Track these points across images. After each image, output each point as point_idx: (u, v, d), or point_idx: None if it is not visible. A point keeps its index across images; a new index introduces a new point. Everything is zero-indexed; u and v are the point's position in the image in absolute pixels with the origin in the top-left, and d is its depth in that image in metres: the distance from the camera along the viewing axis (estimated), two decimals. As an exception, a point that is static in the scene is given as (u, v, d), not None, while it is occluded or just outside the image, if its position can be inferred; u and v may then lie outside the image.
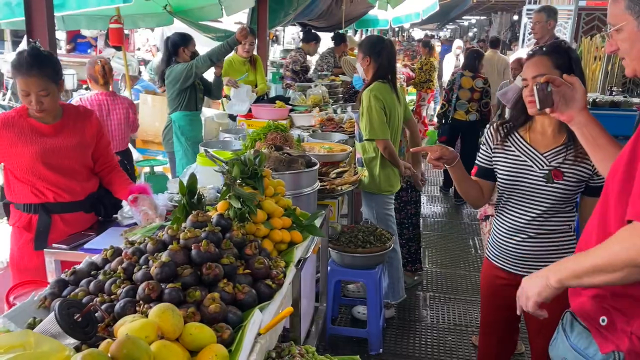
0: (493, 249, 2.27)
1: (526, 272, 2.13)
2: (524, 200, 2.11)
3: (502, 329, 2.33)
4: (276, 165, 2.38)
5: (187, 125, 4.48)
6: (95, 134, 2.70)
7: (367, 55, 3.27)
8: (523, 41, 13.38)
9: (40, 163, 2.44)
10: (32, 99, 2.35)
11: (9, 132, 2.40)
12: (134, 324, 1.20)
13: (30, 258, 2.45)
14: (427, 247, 4.98)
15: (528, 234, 2.12)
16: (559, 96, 1.67)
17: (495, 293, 2.27)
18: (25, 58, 2.34)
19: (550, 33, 4.66)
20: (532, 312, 1.47)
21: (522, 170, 2.10)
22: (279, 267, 1.71)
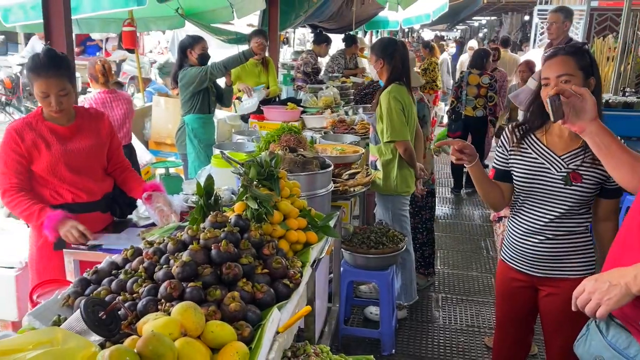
0: (509, 251, 2.27)
1: (543, 274, 2.14)
2: (542, 203, 2.11)
3: (517, 330, 2.34)
4: (291, 166, 2.41)
5: (200, 128, 4.53)
6: (109, 133, 2.76)
7: (380, 57, 3.29)
8: (534, 41, 13.36)
9: (61, 165, 2.48)
10: (51, 100, 2.39)
11: (33, 136, 2.44)
12: (157, 321, 1.24)
13: (50, 258, 2.49)
14: (439, 249, 4.98)
15: (546, 236, 2.12)
16: (568, 107, 1.69)
17: (511, 294, 2.28)
18: (43, 60, 2.39)
19: (565, 34, 4.65)
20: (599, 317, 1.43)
21: (540, 172, 2.09)
22: (296, 267, 1.74)
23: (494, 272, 4.54)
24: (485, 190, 2.20)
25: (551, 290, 2.15)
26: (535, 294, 2.24)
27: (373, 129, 3.45)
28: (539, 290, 2.21)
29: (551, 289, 2.15)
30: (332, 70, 7.88)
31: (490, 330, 3.62)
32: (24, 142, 2.42)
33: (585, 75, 1.98)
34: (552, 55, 2.02)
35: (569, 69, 1.96)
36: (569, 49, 2.03)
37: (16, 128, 2.44)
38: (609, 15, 9.12)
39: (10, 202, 2.42)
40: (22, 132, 2.43)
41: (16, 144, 2.41)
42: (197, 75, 4.36)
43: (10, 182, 2.42)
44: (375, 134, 3.40)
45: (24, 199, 2.40)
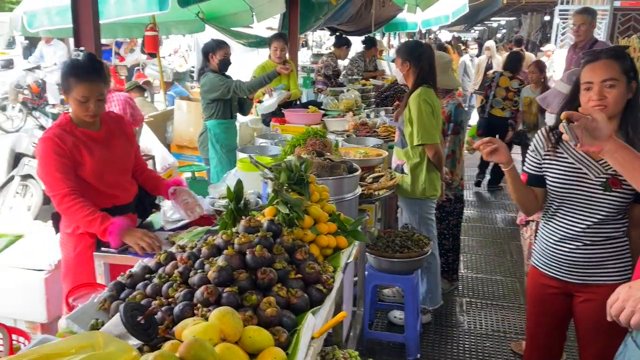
0: (541, 257, 2.22)
1: (579, 280, 2.11)
2: (578, 208, 2.06)
3: (549, 337, 2.30)
4: (319, 171, 2.41)
5: (222, 133, 4.55)
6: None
7: (407, 60, 3.26)
8: (555, 42, 13.19)
9: (104, 169, 2.51)
10: (90, 105, 2.41)
11: (75, 142, 2.44)
12: (197, 326, 1.24)
13: (89, 263, 2.50)
14: (462, 252, 4.93)
15: (583, 242, 2.08)
16: (580, 130, 1.64)
17: (544, 301, 2.24)
18: (86, 64, 2.41)
19: (591, 35, 4.59)
20: (633, 326, 1.40)
21: (577, 177, 2.04)
22: (328, 272, 1.73)
23: (518, 276, 4.49)
24: (519, 194, 2.15)
25: (588, 297, 2.11)
26: (570, 301, 2.20)
27: (400, 133, 3.42)
28: (574, 297, 2.18)
29: (588, 295, 2.11)
30: (351, 73, 7.88)
31: (516, 335, 3.58)
32: (67, 147, 2.40)
33: (628, 80, 1.94)
34: (595, 59, 1.97)
35: (614, 73, 1.92)
36: (611, 52, 1.99)
37: (56, 134, 2.42)
38: (632, 15, 8.99)
39: (70, 207, 2.36)
40: (63, 138, 2.41)
41: (60, 149, 2.38)
42: (219, 87, 4.40)
43: (68, 185, 2.36)
44: (402, 138, 3.38)
45: (85, 205, 2.37)
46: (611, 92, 1.93)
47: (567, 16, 13.17)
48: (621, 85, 1.92)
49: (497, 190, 6.95)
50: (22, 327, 3.15)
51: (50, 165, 2.38)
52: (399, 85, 6.08)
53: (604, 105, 1.92)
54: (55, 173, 2.38)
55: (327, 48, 18.23)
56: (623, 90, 1.94)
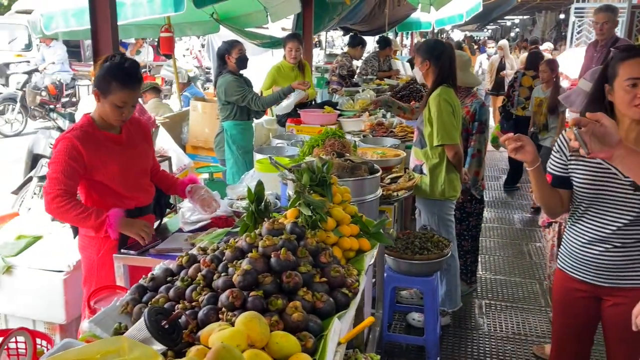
0: (569, 260, 2.17)
1: (609, 284, 2.05)
2: (608, 210, 2.00)
3: (577, 342, 2.24)
4: (339, 172, 2.37)
5: (238, 134, 4.54)
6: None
7: (427, 59, 3.21)
8: (571, 40, 13.03)
9: (128, 171, 2.51)
10: (125, 111, 2.41)
11: (95, 144, 2.42)
12: (224, 332, 1.22)
13: (112, 265, 2.50)
14: (480, 253, 4.87)
15: (613, 244, 2.01)
16: (587, 136, 1.58)
17: (572, 305, 2.18)
18: (131, 71, 2.39)
19: (613, 32, 4.52)
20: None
21: (605, 177, 1.97)
22: (353, 275, 1.70)
23: (537, 277, 4.42)
24: (544, 196, 2.08)
25: (617, 300, 2.06)
26: (598, 304, 2.14)
27: (419, 133, 3.38)
28: (603, 300, 2.12)
29: (618, 299, 2.05)
30: (365, 73, 7.84)
31: (538, 339, 3.52)
32: (87, 152, 2.38)
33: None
34: (634, 55, 1.88)
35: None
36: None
37: (77, 136, 2.39)
38: (651, 12, 8.81)
39: (63, 207, 2.35)
40: (85, 142, 2.39)
41: (77, 153, 2.36)
42: (235, 92, 4.42)
43: (60, 187, 2.35)
44: (421, 138, 3.33)
45: (77, 204, 2.38)
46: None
47: (583, 14, 13.01)
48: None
49: (514, 190, 6.88)
50: (41, 328, 3.17)
51: (58, 165, 2.36)
52: (415, 85, 6.03)
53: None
54: (59, 174, 2.35)
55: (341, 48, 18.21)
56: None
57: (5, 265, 3.08)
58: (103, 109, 2.44)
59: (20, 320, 3.20)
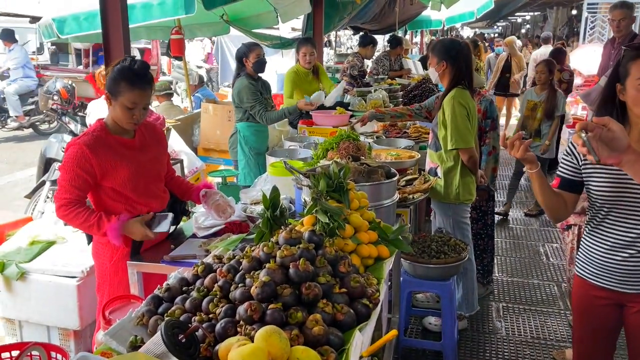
0: (589, 267, 2.10)
1: (633, 290, 1.99)
2: (629, 215, 1.93)
3: (599, 350, 2.18)
4: (355, 176, 2.33)
5: (251, 136, 4.51)
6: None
7: (443, 59, 3.13)
8: (584, 37, 12.87)
9: (139, 177, 2.48)
10: (136, 112, 2.38)
11: (106, 150, 2.40)
12: (244, 349, 1.17)
13: (125, 272, 2.47)
14: (496, 255, 4.80)
15: (636, 249, 1.95)
16: (595, 141, 1.51)
17: (593, 313, 2.12)
18: (141, 71, 2.38)
19: (630, 29, 4.42)
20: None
21: (625, 182, 1.91)
22: (373, 284, 1.65)
23: (555, 280, 4.34)
24: (547, 199, 2.01)
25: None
26: (621, 311, 2.08)
27: (433, 135, 3.31)
28: (626, 307, 2.05)
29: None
30: (377, 73, 7.78)
31: (557, 343, 3.44)
32: (97, 158, 2.36)
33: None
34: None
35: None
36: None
37: (88, 143, 2.36)
38: (667, 7, 8.68)
39: (67, 215, 2.37)
40: (96, 148, 2.36)
41: (86, 161, 2.34)
42: (246, 99, 4.40)
43: (66, 197, 2.36)
44: (436, 140, 3.26)
45: (81, 211, 2.36)
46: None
47: (596, 10, 12.85)
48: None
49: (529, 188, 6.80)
50: (55, 334, 3.16)
51: (66, 173, 2.36)
52: (427, 84, 5.96)
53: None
54: (66, 183, 2.36)
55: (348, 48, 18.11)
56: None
57: (20, 271, 3.08)
58: (115, 112, 2.42)
59: (34, 327, 3.20)
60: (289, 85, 5.06)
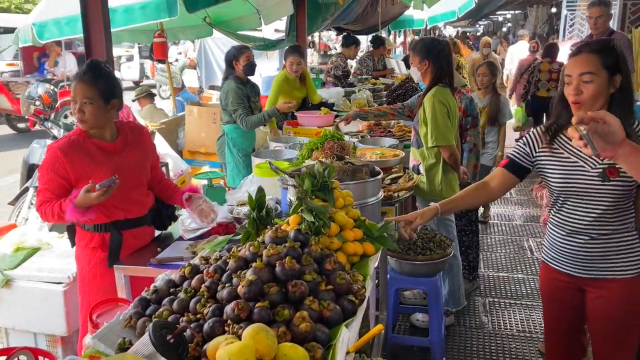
0: (551, 252, 2.22)
1: (589, 275, 2.10)
2: (582, 202, 2.05)
3: (567, 333, 2.27)
4: (340, 175, 2.35)
5: (239, 138, 4.52)
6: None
7: (425, 58, 3.18)
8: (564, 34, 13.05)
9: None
10: (77, 106, 2.38)
11: (80, 154, 2.41)
12: (232, 347, 1.19)
13: (103, 277, 2.48)
14: (481, 250, 4.86)
15: (590, 235, 2.06)
16: (590, 134, 1.55)
17: (557, 296, 2.23)
18: (83, 67, 2.42)
19: (607, 26, 4.50)
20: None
21: (575, 171, 2.04)
22: (358, 281, 1.68)
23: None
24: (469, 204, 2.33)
25: (600, 293, 2.10)
26: (583, 296, 2.18)
27: (415, 133, 3.36)
28: (587, 292, 2.16)
29: (599, 291, 2.10)
30: (360, 73, 7.82)
31: (542, 335, 3.49)
32: (71, 163, 2.38)
33: (610, 73, 1.93)
34: (576, 53, 1.97)
35: (592, 67, 1.92)
36: (595, 46, 1.98)
37: (61, 147, 2.39)
38: (642, 3, 8.83)
39: (43, 215, 2.41)
40: (69, 152, 2.38)
41: (60, 165, 2.37)
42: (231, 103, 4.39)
43: (42, 199, 2.40)
44: (418, 138, 3.31)
45: (48, 205, 2.38)
46: (587, 86, 1.93)
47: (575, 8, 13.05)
48: (600, 80, 1.92)
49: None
50: (42, 341, 3.14)
51: (42, 177, 2.43)
52: (410, 83, 6.01)
53: (580, 101, 1.94)
54: (42, 187, 2.42)
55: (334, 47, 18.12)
56: (602, 85, 1.93)
57: (4, 278, 3.05)
58: None
59: (20, 334, 3.17)
60: (275, 92, 5.04)
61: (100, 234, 2.51)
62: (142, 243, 2.63)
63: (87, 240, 2.53)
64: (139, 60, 17.55)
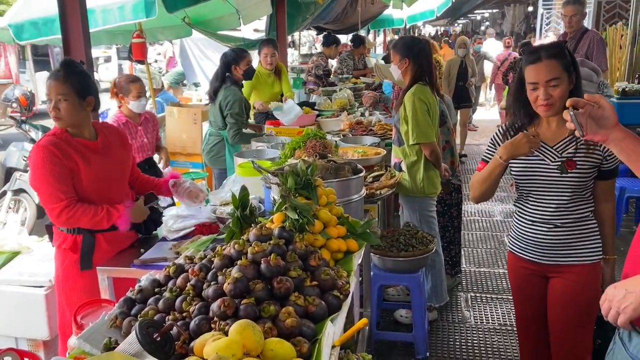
0: (517, 242, 2.33)
1: (553, 261, 2.21)
2: (544, 193, 2.19)
3: (537, 321, 2.35)
4: (323, 173, 2.37)
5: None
6: (129, 145, 2.75)
7: (406, 56, 3.22)
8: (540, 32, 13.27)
9: (101, 179, 2.45)
10: (52, 104, 2.35)
11: (70, 150, 2.37)
12: (218, 343, 1.20)
13: (75, 279, 2.45)
14: (463, 246, 4.92)
15: (554, 224, 2.18)
16: (584, 117, 1.60)
17: (525, 285, 2.33)
18: (57, 66, 2.41)
19: (581, 24, 4.60)
20: (621, 326, 1.41)
21: (536, 165, 2.17)
22: (343, 277, 1.70)
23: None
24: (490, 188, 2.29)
25: (563, 278, 2.21)
26: (547, 284, 2.28)
27: (396, 131, 3.39)
28: (550, 279, 2.27)
29: (562, 277, 2.21)
30: (341, 72, 7.86)
31: (523, 328, 3.57)
32: (65, 158, 2.34)
33: (569, 75, 2.05)
34: (536, 60, 2.05)
35: (556, 73, 2.03)
36: (552, 50, 2.07)
37: (50, 142, 2.35)
38: (617, 2, 9.03)
39: (73, 216, 2.35)
40: (61, 147, 2.35)
41: (56, 157, 2.32)
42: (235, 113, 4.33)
43: (61, 198, 2.33)
44: (399, 136, 3.35)
45: (85, 207, 2.37)
46: (556, 90, 2.04)
47: (551, 6, 13.28)
48: (564, 82, 2.04)
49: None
50: (24, 346, 3.10)
51: (46, 175, 2.32)
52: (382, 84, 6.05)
53: (551, 104, 2.04)
54: (54, 183, 2.33)
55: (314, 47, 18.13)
56: (566, 86, 2.05)
57: (-16, 283, 3.00)
58: None
59: (2, 339, 3.12)
60: (248, 87, 5.05)
61: (72, 235, 2.48)
62: (119, 247, 2.58)
63: (60, 241, 2.51)
64: (117, 61, 17.35)
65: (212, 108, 4.53)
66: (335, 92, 5.79)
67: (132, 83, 3.98)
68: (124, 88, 3.97)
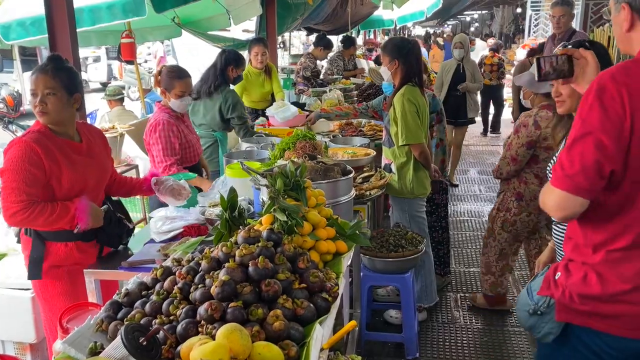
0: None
1: None
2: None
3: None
4: (312, 174, 2.36)
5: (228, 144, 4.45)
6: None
7: (395, 58, 3.22)
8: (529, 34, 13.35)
9: (84, 181, 2.39)
10: (36, 99, 2.26)
11: (53, 149, 2.29)
12: (205, 347, 1.19)
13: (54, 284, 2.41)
14: (452, 247, 4.93)
15: None
16: (579, 68, 1.69)
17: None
18: (44, 60, 2.34)
19: (569, 25, 4.64)
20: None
21: None
22: (332, 279, 1.69)
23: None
24: None
25: None
26: None
27: (386, 132, 3.40)
28: None
29: None
30: (331, 73, 7.85)
31: (512, 328, 3.58)
32: (47, 157, 2.24)
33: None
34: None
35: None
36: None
37: (35, 140, 2.24)
38: (604, 4, 9.10)
39: (28, 218, 2.21)
40: (43, 144, 2.25)
41: (37, 157, 2.22)
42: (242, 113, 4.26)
43: (22, 199, 2.19)
44: (389, 137, 3.35)
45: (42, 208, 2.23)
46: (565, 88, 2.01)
47: (539, 8, 13.38)
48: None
49: (484, 181, 7.01)
50: (11, 349, 3.06)
51: (17, 173, 2.20)
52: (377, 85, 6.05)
53: (562, 101, 2.04)
54: (23, 181, 2.20)
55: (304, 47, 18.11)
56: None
57: (-31, 286, 2.96)
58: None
59: (-13, 343, 3.09)
60: (239, 88, 5.02)
61: (27, 237, 2.40)
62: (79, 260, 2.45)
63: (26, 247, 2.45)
64: (106, 61, 17.23)
65: (204, 108, 4.30)
66: (326, 92, 5.78)
67: (178, 80, 3.36)
68: (166, 82, 3.39)
